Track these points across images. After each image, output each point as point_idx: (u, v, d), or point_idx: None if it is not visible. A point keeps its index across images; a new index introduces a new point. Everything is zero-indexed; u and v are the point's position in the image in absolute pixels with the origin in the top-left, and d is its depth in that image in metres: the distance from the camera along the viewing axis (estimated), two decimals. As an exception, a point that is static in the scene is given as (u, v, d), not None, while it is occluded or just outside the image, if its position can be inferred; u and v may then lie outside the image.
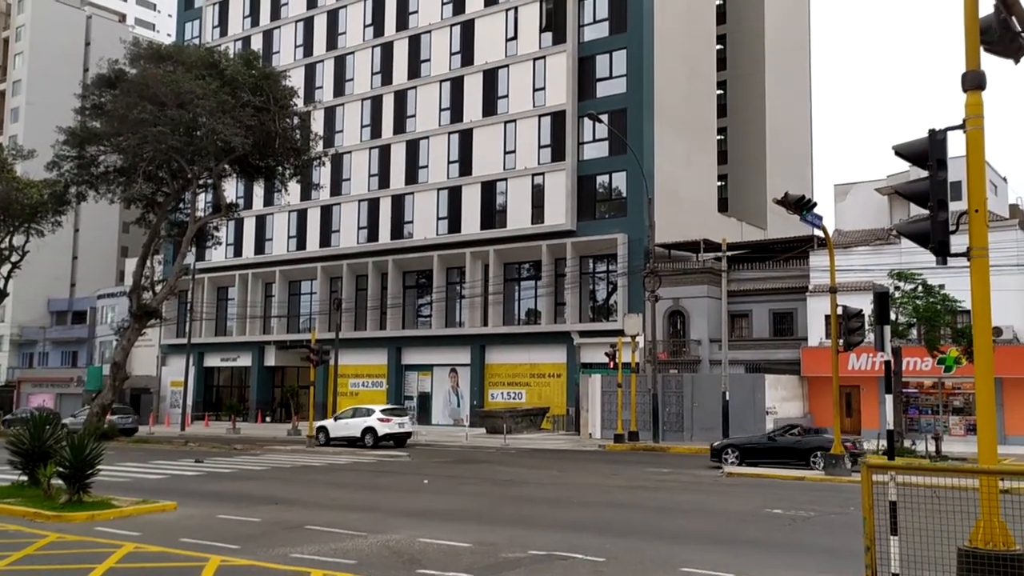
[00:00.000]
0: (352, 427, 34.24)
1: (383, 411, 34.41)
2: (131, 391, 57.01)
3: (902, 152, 9.81)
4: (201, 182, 40.80)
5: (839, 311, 22.02)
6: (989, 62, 8.95)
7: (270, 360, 56.21)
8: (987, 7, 8.98)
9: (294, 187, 46.80)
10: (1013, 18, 9.02)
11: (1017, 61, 9.34)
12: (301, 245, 55.78)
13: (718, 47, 54.70)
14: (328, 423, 35.50)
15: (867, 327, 22.69)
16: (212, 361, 59.50)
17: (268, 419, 54.62)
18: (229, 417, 49.33)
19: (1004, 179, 45.14)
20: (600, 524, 13.96)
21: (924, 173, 9.43)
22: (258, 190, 53.52)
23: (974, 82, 8.78)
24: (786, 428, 25.88)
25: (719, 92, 54.66)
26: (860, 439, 25.61)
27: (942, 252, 9.08)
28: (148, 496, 16.56)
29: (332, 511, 15.52)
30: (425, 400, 50.17)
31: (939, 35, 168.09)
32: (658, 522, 14.45)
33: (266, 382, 57.23)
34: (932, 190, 9.19)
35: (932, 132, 9.32)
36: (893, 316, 26.28)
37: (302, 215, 55.84)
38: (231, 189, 52.40)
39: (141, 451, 32.20)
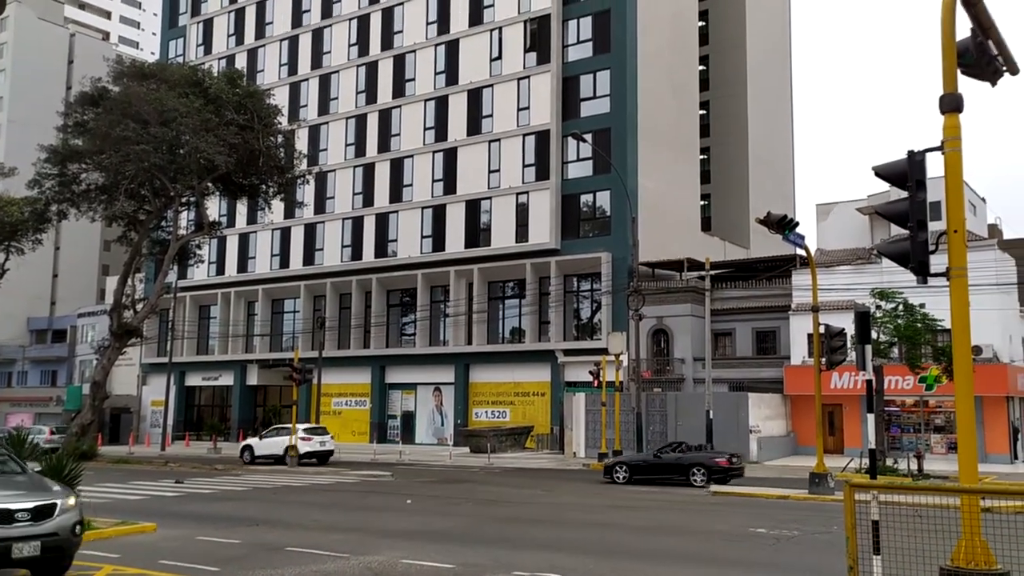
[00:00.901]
0: (275, 446, 35.15)
1: (305, 430, 35.41)
2: (111, 410, 56.35)
3: (882, 173, 9.91)
4: (184, 200, 40.64)
5: (821, 330, 22.12)
6: (967, 83, 9.08)
7: (252, 379, 55.83)
8: (964, 30, 9.12)
9: (277, 205, 46.65)
10: (990, 41, 9.15)
11: (994, 84, 9.47)
12: (284, 263, 55.57)
13: (700, 68, 55.22)
14: (254, 441, 36.74)
15: (849, 346, 22.82)
16: (193, 380, 59.02)
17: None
18: (210, 437, 48.84)
19: (983, 199, 45.59)
20: (585, 544, 13.90)
21: (904, 194, 9.51)
22: (241, 208, 53.33)
23: (951, 105, 8.89)
24: (673, 445, 26.99)
25: (702, 112, 55.12)
26: (739, 455, 26.11)
27: (922, 272, 9.15)
28: (128, 517, 16.37)
29: (313, 532, 15.37)
30: (409, 419, 49.93)
31: (919, 56, 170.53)
32: (643, 542, 14.40)
33: (248, 401, 56.80)
34: (912, 210, 9.27)
35: (911, 153, 9.41)
36: (875, 335, 26.50)
37: (285, 233, 55.68)
38: (214, 207, 52.22)
39: (121, 471, 31.82)
